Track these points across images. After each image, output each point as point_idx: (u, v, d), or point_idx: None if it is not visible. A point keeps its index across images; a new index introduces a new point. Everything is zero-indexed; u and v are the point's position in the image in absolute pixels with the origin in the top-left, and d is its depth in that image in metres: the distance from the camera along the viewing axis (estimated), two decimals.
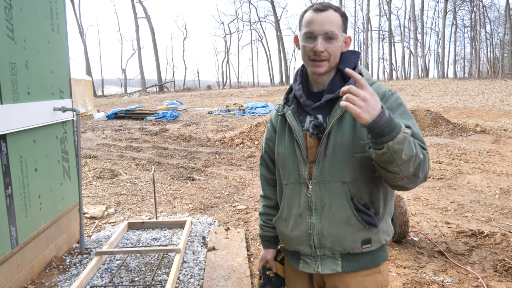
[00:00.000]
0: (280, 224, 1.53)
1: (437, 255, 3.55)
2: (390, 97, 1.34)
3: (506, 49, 41.48)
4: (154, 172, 6.80)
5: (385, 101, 1.32)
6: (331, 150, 1.35)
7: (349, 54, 1.44)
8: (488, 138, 9.92)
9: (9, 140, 2.72)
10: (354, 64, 1.41)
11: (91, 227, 4.38)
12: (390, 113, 1.14)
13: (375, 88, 1.35)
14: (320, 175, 1.37)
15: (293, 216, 1.46)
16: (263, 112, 16.64)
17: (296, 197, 1.44)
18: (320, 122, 1.39)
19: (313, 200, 1.39)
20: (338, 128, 1.34)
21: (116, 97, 34.47)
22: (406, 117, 1.31)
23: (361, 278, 1.39)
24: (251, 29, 51.77)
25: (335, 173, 1.35)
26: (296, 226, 1.45)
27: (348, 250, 1.38)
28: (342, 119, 1.34)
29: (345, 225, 1.36)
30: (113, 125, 13.58)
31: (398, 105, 1.33)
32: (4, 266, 2.70)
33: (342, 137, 1.33)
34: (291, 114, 1.44)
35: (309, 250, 1.43)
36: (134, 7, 41.03)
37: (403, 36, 48.30)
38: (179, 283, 3.01)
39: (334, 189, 1.36)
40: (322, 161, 1.36)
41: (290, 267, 1.58)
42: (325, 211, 1.38)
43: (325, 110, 1.39)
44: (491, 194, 5.42)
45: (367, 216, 1.36)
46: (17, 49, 2.80)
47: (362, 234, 1.37)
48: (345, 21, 1.40)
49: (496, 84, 23.42)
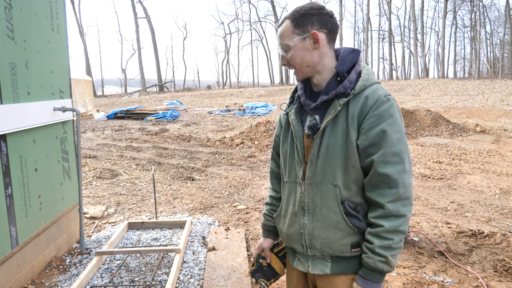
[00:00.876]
0: (279, 220, 1.56)
1: (437, 255, 3.54)
2: (383, 103, 1.29)
3: (506, 49, 41.47)
4: (154, 172, 6.80)
5: (376, 106, 1.29)
6: (324, 152, 1.35)
7: (348, 53, 1.41)
8: (488, 138, 9.92)
9: (9, 140, 2.72)
10: (351, 63, 1.39)
11: (91, 227, 4.38)
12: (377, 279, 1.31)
13: (371, 91, 1.33)
14: (313, 176, 1.37)
15: (289, 214, 1.48)
16: (263, 112, 16.64)
17: (292, 196, 1.46)
18: (315, 123, 1.39)
19: (306, 201, 1.40)
20: (332, 131, 1.34)
21: (116, 97, 34.47)
22: (388, 144, 1.28)
23: (350, 281, 1.39)
24: (251, 29, 51.80)
25: (327, 175, 1.35)
26: (291, 224, 1.47)
27: (337, 253, 1.38)
28: (335, 121, 1.34)
29: (335, 229, 1.36)
30: (113, 125, 13.58)
31: (388, 115, 1.29)
32: (4, 266, 2.70)
33: (335, 140, 1.33)
34: (293, 113, 1.46)
35: (301, 249, 1.45)
36: (134, 7, 41.02)
37: (403, 36, 48.30)
38: (179, 283, 3.01)
39: (325, 191, 1.36)
40: (315, 162, 1.37)
41: (288, 262, 1.61)
42: (316, 212, 1.39)
43: (321, 111, 1.39)
44: (491, 194, 5.42)
45: (357, 220, 1.36)
46: (17, 49, 2.80)
47: (352, 238, 1.37)
48: (299, 22, 1.35)
49: (496, 84, 23.42)
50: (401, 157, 1.29)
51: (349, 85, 1.34)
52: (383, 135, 1.28)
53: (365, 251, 1.33)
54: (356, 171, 1.33)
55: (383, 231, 1.28)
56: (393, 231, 1.28)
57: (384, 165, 1.28)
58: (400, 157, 1.29)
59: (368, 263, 1.31)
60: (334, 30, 1.38)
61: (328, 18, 1.36)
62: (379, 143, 1.28)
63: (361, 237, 1.37)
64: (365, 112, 1.30)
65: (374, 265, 1.29)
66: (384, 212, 1.29)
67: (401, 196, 1.29)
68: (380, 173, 1.28)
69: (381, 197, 1.30)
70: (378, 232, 1.29)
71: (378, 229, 1.29)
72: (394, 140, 1.28)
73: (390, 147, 1.28)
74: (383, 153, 1.28)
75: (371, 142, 1.29)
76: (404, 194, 1.29)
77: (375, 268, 1.30)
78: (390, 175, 1.28)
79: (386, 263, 1.29)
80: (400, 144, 1.29)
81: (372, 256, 1.30)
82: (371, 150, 1.30)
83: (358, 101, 1.32)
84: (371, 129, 1.29)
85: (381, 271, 1.30)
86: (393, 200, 1.29)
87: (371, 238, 1.31)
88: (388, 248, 1.28)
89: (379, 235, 1.29)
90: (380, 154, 1.28)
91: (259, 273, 1.63)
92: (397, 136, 1.29)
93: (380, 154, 1.28)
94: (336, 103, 1.34)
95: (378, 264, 1.29)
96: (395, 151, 1.28)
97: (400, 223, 1.29)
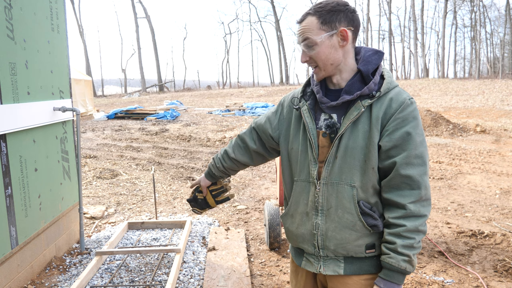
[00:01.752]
0: (286, 220, 1.52)
1: (437, 255, 3.54)
2: (408, 106, 1.31)
3: (506, 49, 41.47)
4: (154, 172, 6.80)
5: (402, 109, 1.30)
6: (342, 153, 1.33)
7: (371, 54, 1.39)
8: (488, 138, 9.92)
9: (9, 140, 2.72)
10: (375, 65, 1.37)
11: (91, 227, 4.38)
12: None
13: (395, 93, 1.33)
14: (329, 176, 1.35)
15: (299, 213, 1.45)
16: (263, 112, 16.64)
17: (304, 196, 1.43)
18: (333, 122, 1.36)
19: (320, 201, 1.38)
20: (351, 131, 1.32)
21: (116, 97, 34.47)
22: (411, 147, 1.29)
23: (363, 282, 1.38)
24: (251, 29, 51.83)
25: (344, 175, 1.34)
26: (301, 224, 1.44)
27: (351, 254, 1.37)
28: (356, 122, 1.32)
29: (350, 230, 1.35)
30: (113, 125, 13.58)
31: (412, 118, 1.31)
32: (4, 266, 2.70)
33: (355, 141, 1.32)
34: (306, 110, 1.41)
35: (312, 249, 1.42)
36: (134, 7, 41.01)
37: (403, 36, 48.32)
38: (179, 283, 3.01)
39: (341, 192, 1.34)
40: (332, 163, 1.35)
41: (294, 263, 1.58)
42: (331, 213, 1.37)
43: (341, 110, 1.36)
44: (491, 194, 5.42)
45: (372, 219, 1.35)
46: (17, 49, 2.80)
47: (367, 239, 1.36)
48: (326, 18, 1.32)
49: (496, 84, 23.42)
50: (423, 160, 1.30)
51: (374, 87, 1.33)
52: (407, 137, 1.28)
53: (386, 252, 1.32)
54: (374, 173, 1.33)
55: (404, 230, 1.28)
56: (415, 230, 1.28)
57: (407, 167, 1.28)
58: (423, 159, 1.30)
59: (390, 263, 1.30)
60: (358, 28, 1.37)
61: (354, 15, 1.35)
62: (403, 145, 1.29)
63: (376, 237, 1.37)
64: (389, 114, 1.30)
65: (397, 265, 1.29)
66: (406, 213, 1.29)
67: (422, 197, 1.29)
68: (403, 175, 1.28)
69: (402, 198, 1.30)
70: (399, 232, 1.29)
71: (400, 229, 1.29)
72: (417, 142, 1.29)
73: (413, 150, 1.29)
74: (407, 155, 1.28)
75: (395, 144, 1.29)
76: (425, 195, 1.30)
77: (397, 268, 1.29)
78: (413, 176, 1.28)
79: (409, 263, 1.28)
80: (422, 146, 1.30)
81: (395, 256, 1.29)
82: (394, 152, 1.30)
83: (383, 103, 1.31)
84: (395, 131, 1.29)
85: (403, 271, 1.29)
86: (415, 201, 1.29)
87: (392, 239, 1.30)
88: (411, 248, 1.28)
89: (401, 234, 1.28)
90: (403, 156, 1.28)
91: (193, 202, 1.87)
92: (420, 139, 1.30)
93: (404, 156, 1.28)
94: (359, 104, 1.31)
95: (402, 264, 1.28)
96: (418, 154, 1.29)
97: (421, 222, 1.29)
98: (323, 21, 1.32)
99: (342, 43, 1.34)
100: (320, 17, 1.33)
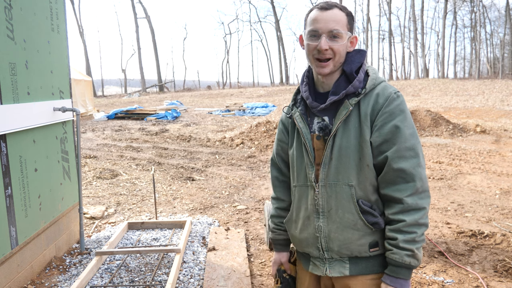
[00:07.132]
0: (290, 225, 1.53)
1: (437, 255, 3.54)
2: (394, 100, 1.32)
3: (506, 49, 41.47)
4: (154, 172, 6.80)
5: (388, 103, 1.31)
6: (336, 153, 1.34)
7: (354, 53, 1.41)
8: (488, 138, 9.92)
9: (9, 140, 2.72)
10: (359, 63, 1.39)
11: (91, 227, 4.38)
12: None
13: (381, 88, 1.35)
14: (326, 178, 1.36)
15: (301, 218, 1.46)
16: (263, 112, 16.65)
17: (303, 200, 1.44)
18: (326, 124, 1.38)
19: (320, 203, 1.39)
20: (343, 131, 1.34)
21: (116, 97, 34.46)
22: (401, 140, 1.29)
23: (369, 281, 1.38)
24: (251, 29, 51.88)
25: (341, 176, 1.34)
26: (304, 228, 1.45)
27: (355, 254, 1.37)
28: (347, 122, 1.34)
29: (352, 229, 1.35)
30: (113, 125, 13.58)
31: (400, 111, 1.31)
32: (4, 266, 2.70)
33: (348, 140, 1.33)
34: (298, 116, 1.43)
35: (317, 252, 1.43)
36: (134, 7, 41.03)
37: (403, 36, 48.33)
38: (179, 283, 3.01)
39: (340, 192, 1.35)
40: (328, 164, 1.36)
41: (300, 267, 1.59)
42: (332, 214, 1.37)
43: (331, 112, 1.38)
44: (491, 194, 5.42)
45: (372, 217, 1.35)
46: (17, 49, 2.80)
47: (370, 237, 1.36)
48: (351, 21, 1.38)
49: (496, 84, 23.42)
50: (416, 152, 1.30)
51: (359, 85, 1.35)
52: (396, 131, 1.29)
53: (389, 248, 1.32)
54: (370, 170, 1.33)
55: (404, 225, 1.28)
56: (415, 224, 1.28)
57: (399, 160, 1.29)
58: (415, 151, 1.30)
59: (394, 259, 1.30)
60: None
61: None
62: (393, 139, 1.30)
63: (378, 236, 1.37)
64: (376, 110, 1.32)
65: (401, 260, 1.28)
66: (404, 207, 1.29)
67: (418, 190, 1.29)
68: (396, 169, 1.29)
69: (398, 192, 1.30)
70: (400, 227, 1.29)
71: (400, 224, 1.29)
72: (407, 135, 1.30)
73: (403, 143, 1.29)
74: (397, 149, 1.29)
75: (384, 139, 1.30)
76: (421, 187, 1.30)
77: (401, 263, 1.29)
78: (406, 169, 1.28)
79: (413, 257, 1.28)
80: (412, 139, 1.30)
81: (398, 252, 1.29)
82: (385, 147, 1.31)
83: (369, 99, 1.33)
84: (383, 125, 1.30)
85: (408, 266, 1.29)
86: (411, 194, 1.29)
87: (393, 234, 1.30)
88: (413, 242, 1.28)
89: (402, 229, 1.28)
90: (394, 150, 1.29)
91: (287, 287, 1.64)
92: (409, 131, 1.30)
93: (394, 150, 1.29)
94: (347, 103, 1.33)
95: (405, 259, 1.28)
96: (409, 146, 1.29)
97: (421, 215, 1.28)
98: (349, 21, 1.37)
99: (349, 48, 1.39)
100: (347, 15, 1.37)
